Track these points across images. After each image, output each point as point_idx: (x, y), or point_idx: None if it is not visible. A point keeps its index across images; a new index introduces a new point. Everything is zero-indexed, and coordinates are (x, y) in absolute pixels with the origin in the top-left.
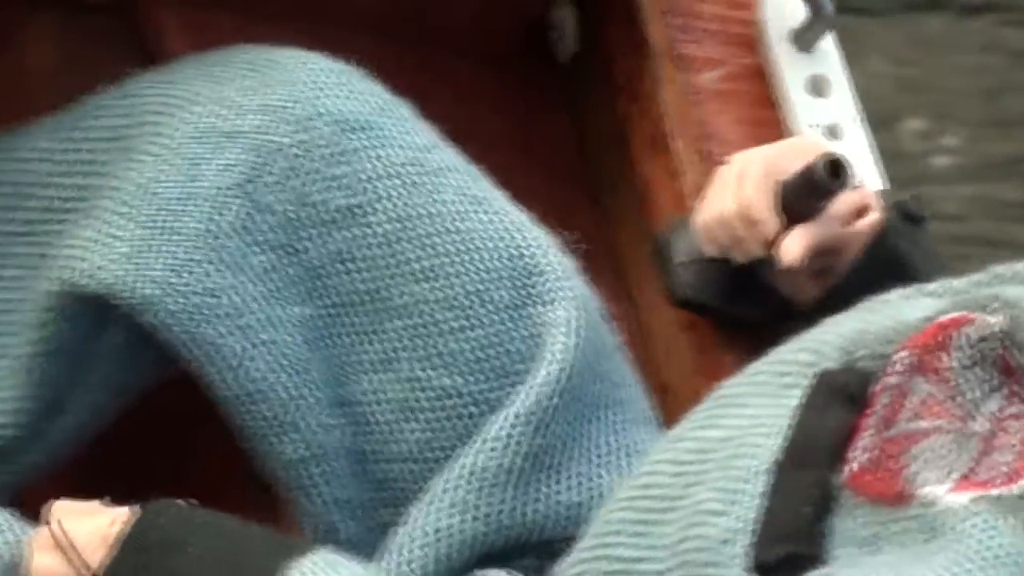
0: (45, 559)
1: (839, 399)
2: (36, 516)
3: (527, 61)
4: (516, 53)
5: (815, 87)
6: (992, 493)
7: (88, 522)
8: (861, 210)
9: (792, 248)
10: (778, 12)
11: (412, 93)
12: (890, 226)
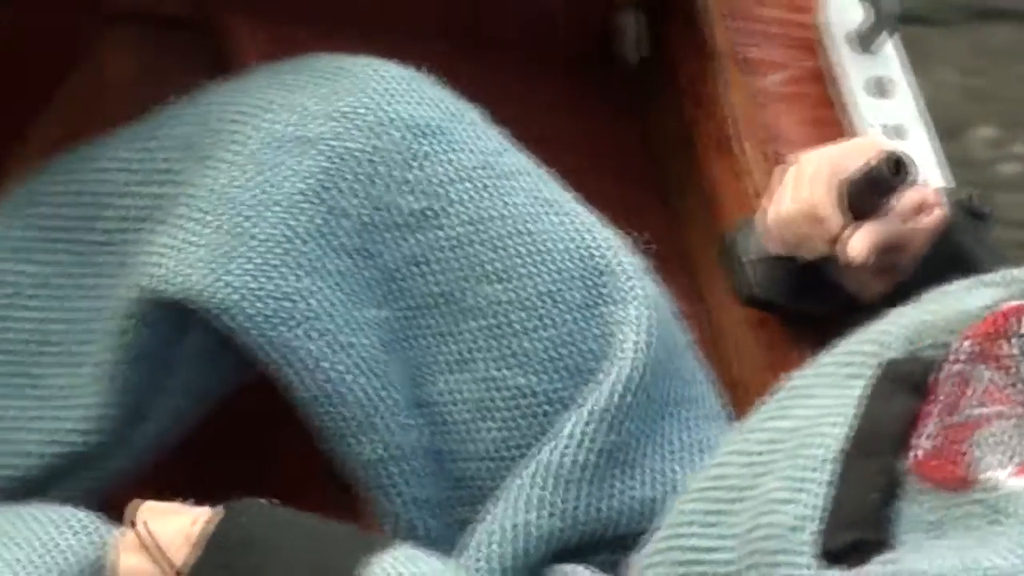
0: (131, 559)
1: (903, 388)
2: (121, 517)
3: (595, 66)
4: (584, 59)
5: (877, 88)
6: None
7: (172, 522)
8: (924, 207)
9: (857, 245)
10: (839, 14)
11: (481, 99)
12: (954, 222)
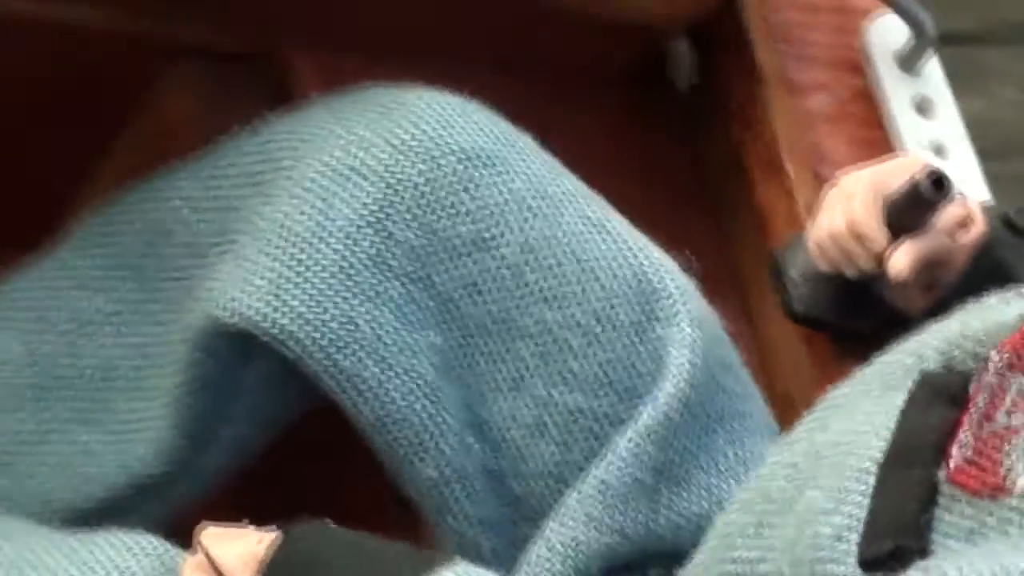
0: None
1: (941, 399)
2: (189, 541)
3: (647, 92)
4: (636, 85)
5: (921, 107)
6: None
7: (235, 546)
8: (965, 222)
9: (900, 261)
10: (882, 36)
11: (534, 125)
12: (995, 237)
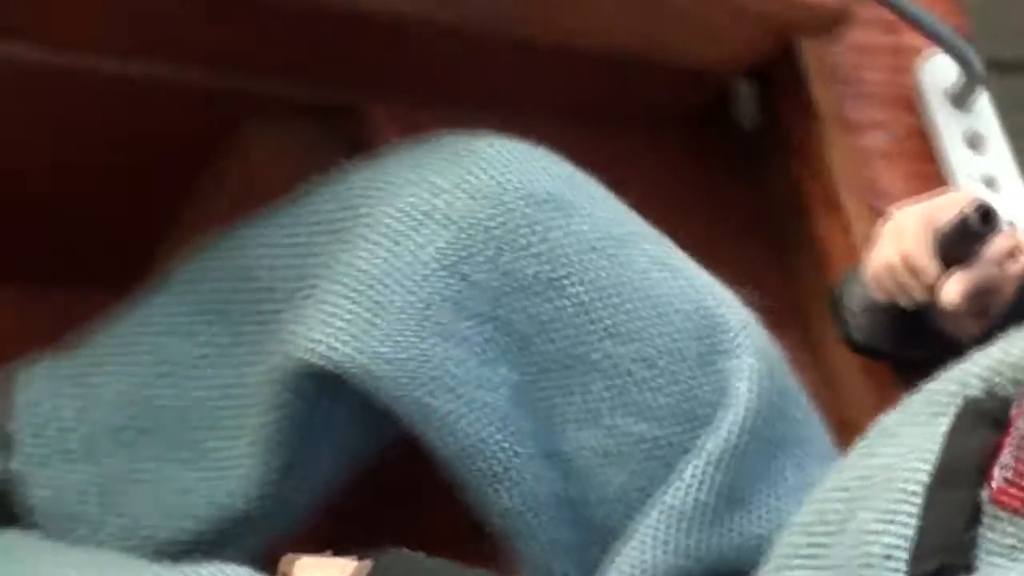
0: None
1: (983, 423)
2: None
3: (711, 132)
4: (700, 125)
5: (972, 142)
6: None
7: (322, 574)
8: (1014, 252)
9: (951, 291)
10: (934, 75)
11: (601, 168)
12: None
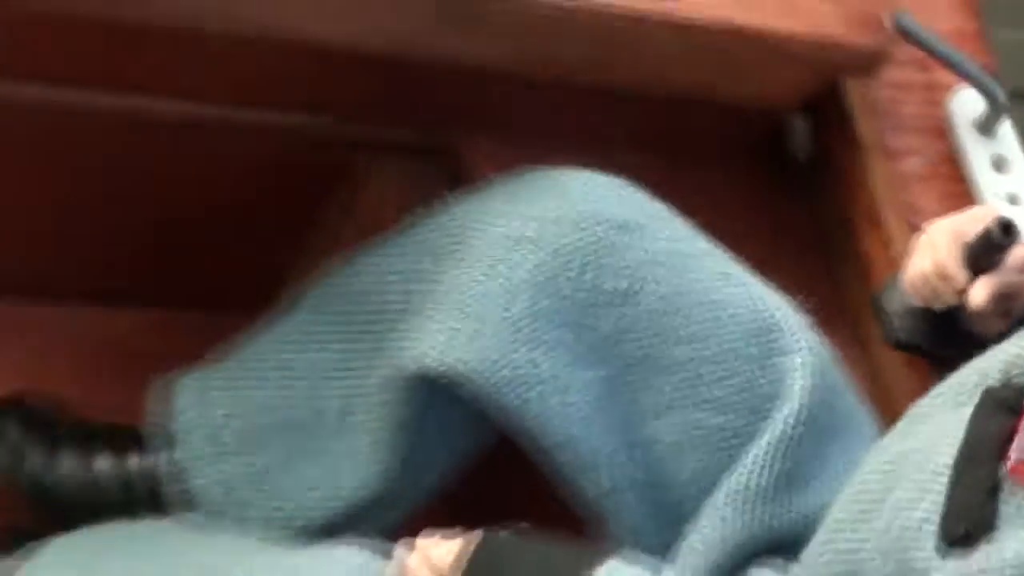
0: None
1: (1001, 409)
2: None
3: (772, 164)
4: (763, 158)
5: (998, 164)
6: None
7: (439, 551)
8: None
9: (978, 296)
10: (962, 106)
11: (678, 198)
12: None
